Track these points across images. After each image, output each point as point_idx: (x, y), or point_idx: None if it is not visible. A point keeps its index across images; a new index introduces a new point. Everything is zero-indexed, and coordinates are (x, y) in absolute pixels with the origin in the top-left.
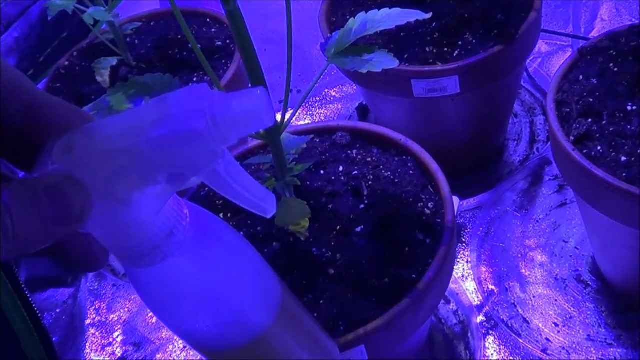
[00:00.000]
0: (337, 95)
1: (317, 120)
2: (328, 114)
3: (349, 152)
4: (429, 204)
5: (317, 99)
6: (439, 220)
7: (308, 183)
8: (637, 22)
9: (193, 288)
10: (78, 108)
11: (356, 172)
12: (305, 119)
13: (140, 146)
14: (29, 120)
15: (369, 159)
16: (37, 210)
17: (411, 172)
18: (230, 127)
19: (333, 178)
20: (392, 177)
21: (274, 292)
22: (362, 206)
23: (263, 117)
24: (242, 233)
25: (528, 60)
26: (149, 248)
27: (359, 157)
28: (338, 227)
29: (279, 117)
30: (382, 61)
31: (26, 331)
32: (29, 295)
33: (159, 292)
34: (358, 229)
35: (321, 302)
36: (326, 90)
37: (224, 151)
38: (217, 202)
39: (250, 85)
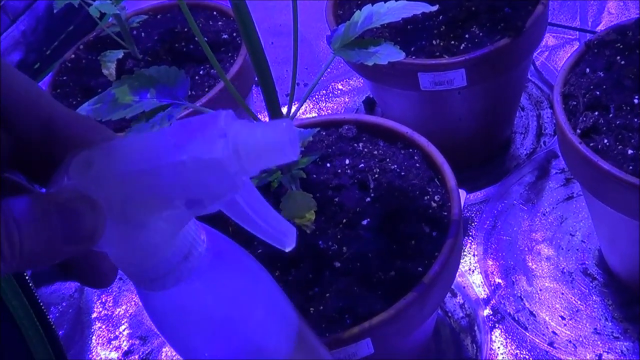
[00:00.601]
0: (344, 89)
1: (323, 114)
2: (335, 107)
3: (355, 145)
4: (436, 197)
5: (324, 92)
6: (445, 213)
7: (314, 176)
8: None
9: (207, 315)
10: (99, 124)
11: (362, 165)
12: (312, 112)
13: (159, 170)
14: (47, 134)
15: (375, 152)
16: (47, 227)
17: (417, 165)
18: (252, 158)
19: (339, 171)
20: (398, 170)
21: (291, 320)
22: (368, 199)
23: (288, 150)
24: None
25: (535, 54)
26: (163, 272)
27: (365, 150)
28: (344, 220)
29: (285, 109)
30: (388, 53)
31: (33, 329)
32: (35, 293)
33: (171, 318)
34: (364, 222)
35: (327, 295)
36: (333, 84)
37: (245, 182)
38: None
39: (256, 78)
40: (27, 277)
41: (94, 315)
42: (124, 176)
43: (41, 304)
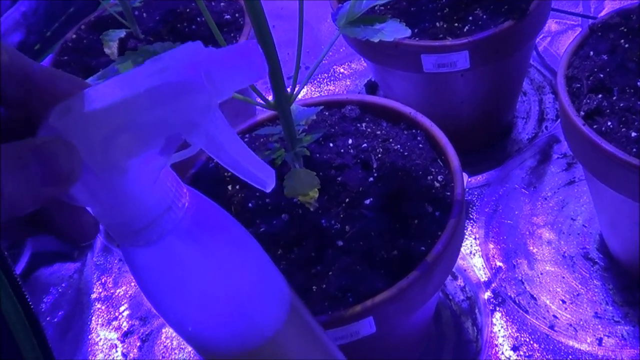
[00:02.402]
0: (345, 72)
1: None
2: (337, 90)
3: (359, 125)
4: (439, 177)
5: (326, 75)
6: (448, 194)
7: (317, 155)
8: None
9: (194, 277)
10: (78, 78)
11: (365, 145)
12: (313, 95)
13: (134, 99)
14: (28, 92)
15: (378, 132)
16: (24, 170)
17: (420, 145)
18: (224, 79)
19: (342, 151)
20: (401, 150)
21: (282, 292)
22: (371, 179)
23: (257, 67)
24: (250, 205)
25: (538, 39)
26: (145, 222)
27: (369, 130)
28: (347, 200)
29: (288, 90)
30: (394, 30)
31: (23, 332)
32: (26, 294)
33: (156, 278)
34: (367, 202)
35: (330, 273)
36: (335, 67)
37: (217, 110)
38: (225, 174)
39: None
40: (18, 281)
41: (94, 295)
42: (99, 115)
43: (30, 304)
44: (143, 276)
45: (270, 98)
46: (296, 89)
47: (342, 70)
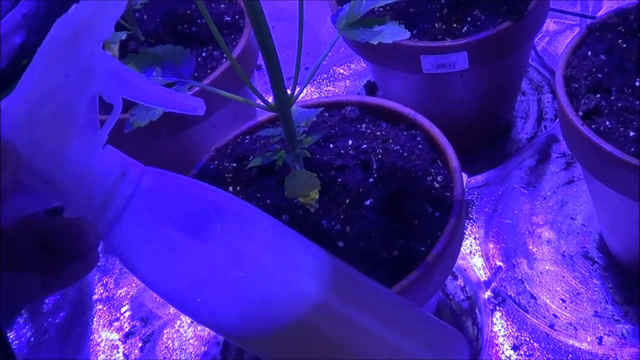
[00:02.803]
0: (345, 73)
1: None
2: (336, 91)
3: (358, 126)
4: (438, 178)
5: (325, 76)
6: (448, 194)
7: (317, 156)
8: None
9: (176, 245)
10: None
11: (365, 146)
12: (313, 96)
13: (32, 71)
14: None
15: (378, 133)
16: None
17: (420, 146)
18: (95, 15)
19: (342, 152)
20: (401, 151)
21: (308, 257)
22: (371, 180)
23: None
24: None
25: (536, 39)
26: (105, 191)
27: (368, 131)
28: (347, 200)
29: (289, 91)
30: (393, 32)
31: None
32: None
33: (141, 256)
34: (367, 202)
35: None
36: (334, 68)
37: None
38: (227, 175)
39: (258, 62)
40: None
41: (95, 296)
42: (30, 92)
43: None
44: (132, 261)
45: (270, 99)
46: (296, 90)
47: (341, 70)
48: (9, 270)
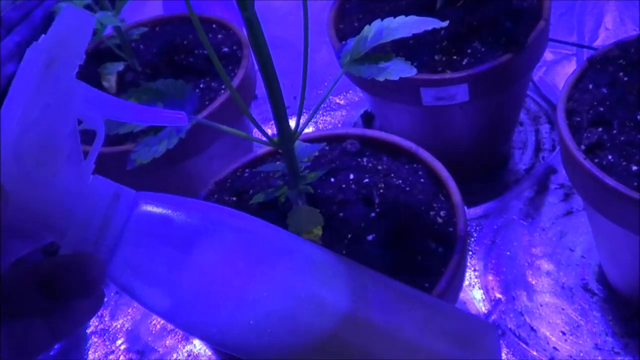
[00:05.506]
0: (342, 102)
1: (321, 128)
2: (333, 121)
3: (359, 160)
4: (441, 212)
5: (322, 105)
6: (450, 229)
7: (319, 191)
8: None
9: (172, 264)
10: None
11: (367, 180)
12: (309, 126)
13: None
14: None
15: (379, 167)
16: None
17: (422, 180)
18: (65, 42)
19: (344, 186)
20: (403, 185)
21: (329, 268)
22: (373, 214)
23: (82, 20)
24: None
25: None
26: (102, 217)
27: (370, 165)
28: (349, 236)
29: (292, 123)
30: (400, 69)
31: None
32: None
33: (143, 282)
34: (370, 237)
35: None
36: (331, 97)
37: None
38: (226, 198)
39: (265, 89)
40: None
41: (91, 329)
42: (13, 124)
43: None
44: (132, 286)
45: (268, 130)
46: (300, 125)
47: (338, 100)
48: (10, 319)
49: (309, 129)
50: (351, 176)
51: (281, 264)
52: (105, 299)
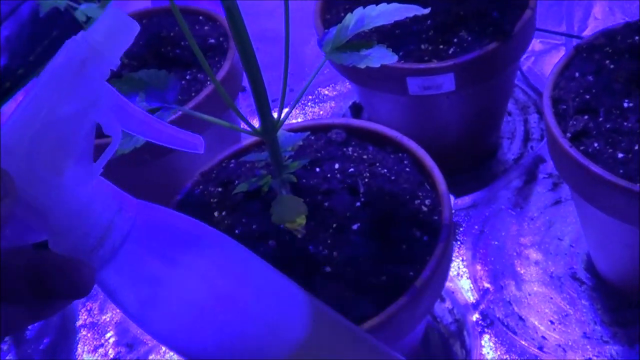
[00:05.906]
0: (330, 94)
1: (310, 119)
2: (321, 112)
3: (345, 149)
4: (426, 201)
5: (310, 97)
6: (435, 218)
7: (304, 181)
8: (631, 20)
9: (166, 284)
10: None
11: (352, 169)
12: (298, 117)
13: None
14: None
15: (364, 157)
16: None
17: (407, 169)
18: (108, 45)
19: (329, 175)
20: (388, 174)
21: (293, 298)
22: (358, 204)
23: (129, 25)
24: (237, 232)
25: (522, 59)
26: (102, 229)
27: (355, 154)
28: (334, 225)
29: (275, 114)
30: (381, 56)
31: None
32: None
33: (132, 293)
34: (355, 227)
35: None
36: (319, 89)
37: (112, 88)
38: (212, 200)
39: (247, 80)
40: None
41: (80, 322)
42: (31, 118)
43: None
44: (121, 298)
45: (255, 122)
46: (282, 115)
47: (326, 92)
48: None
49: (297, 120)
50: (336, 166)
51: (253, 291)
52: (93, 293)
